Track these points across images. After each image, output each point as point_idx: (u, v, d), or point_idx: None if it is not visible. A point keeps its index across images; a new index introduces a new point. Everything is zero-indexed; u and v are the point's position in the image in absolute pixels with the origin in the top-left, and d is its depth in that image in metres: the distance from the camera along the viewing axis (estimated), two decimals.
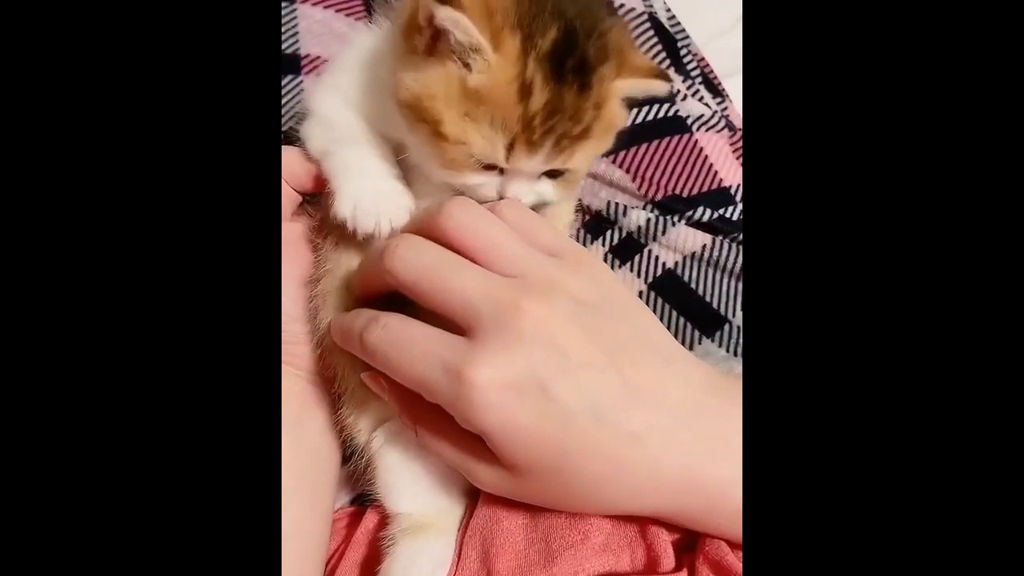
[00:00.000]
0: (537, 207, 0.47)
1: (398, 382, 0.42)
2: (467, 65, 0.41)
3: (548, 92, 0.41)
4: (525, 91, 0.41)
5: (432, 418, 0.42)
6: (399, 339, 0.41)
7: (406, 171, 0.48)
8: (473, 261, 0.41)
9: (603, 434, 0.39)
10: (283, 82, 0.62)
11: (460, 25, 0.40)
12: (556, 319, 0.40)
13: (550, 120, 0.41)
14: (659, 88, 0.46)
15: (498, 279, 0.41)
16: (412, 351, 0.40)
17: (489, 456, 0.41)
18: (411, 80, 0.42)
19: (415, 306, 0.42)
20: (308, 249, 0.50)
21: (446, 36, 0.40)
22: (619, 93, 0.45)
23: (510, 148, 0.42)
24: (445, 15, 0.39)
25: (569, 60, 0.41)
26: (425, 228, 0.43)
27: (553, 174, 0.45)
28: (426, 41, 0.42)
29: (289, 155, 0.49)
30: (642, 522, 0.42)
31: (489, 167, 0.44)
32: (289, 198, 0.49)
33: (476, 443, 0.41)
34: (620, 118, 0.46)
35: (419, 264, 0.41)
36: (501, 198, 0.45)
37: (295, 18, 0.63)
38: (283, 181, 0.48)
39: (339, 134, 0.47)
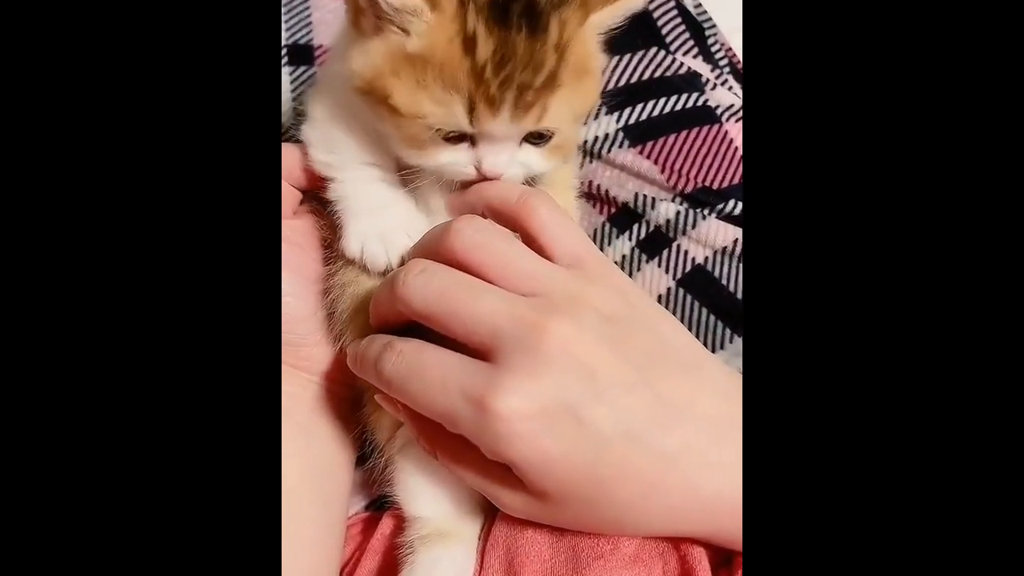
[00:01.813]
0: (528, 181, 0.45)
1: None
2: (407, 31, 0.39)
3: (494, 40, 0.39)
4: (468, 44, 0.39)
5: (453, 444, 0.40)
6: (416, 367, 0.39)
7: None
8: (488, 281, 0.39)
9: (638, 457, 0.37)
10: (296, 73, 0.61)
11: None
12: (582, 338, 0.37)
13: (502, 70, 0.39)
14: (634, 4, 0.43)
15: (518, 299, 0.38)
16: (431, 380, 0.38)
17: (516, 483, 0.38)
18: (359, 64, 0.41)
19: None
20: (317, 247, 0.48)
21: (380, 6, 0.39)
22: (595, 30, 0.42)
23: (471, 110, 0.39)
24: None
25: (514, 5, 0.39)
26: (434, 250, 0.41)
27: (537, 140, 0.43)
28: (372, 21, 0.40)
29: (285, 153, 0.47)
30: None
31: (456, 140, 0.41)
32: (289, 195, 0.48)
33: (502, 470, 0.39)
34: (594, 59, 0.43)
35: (432, 290, 0.39)
36: (480, 174, 0.42)
37: (308, 8, 0.62)
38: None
39: (339, 156, 0.45)
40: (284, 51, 0.61)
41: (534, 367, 0.36)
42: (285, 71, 0.61)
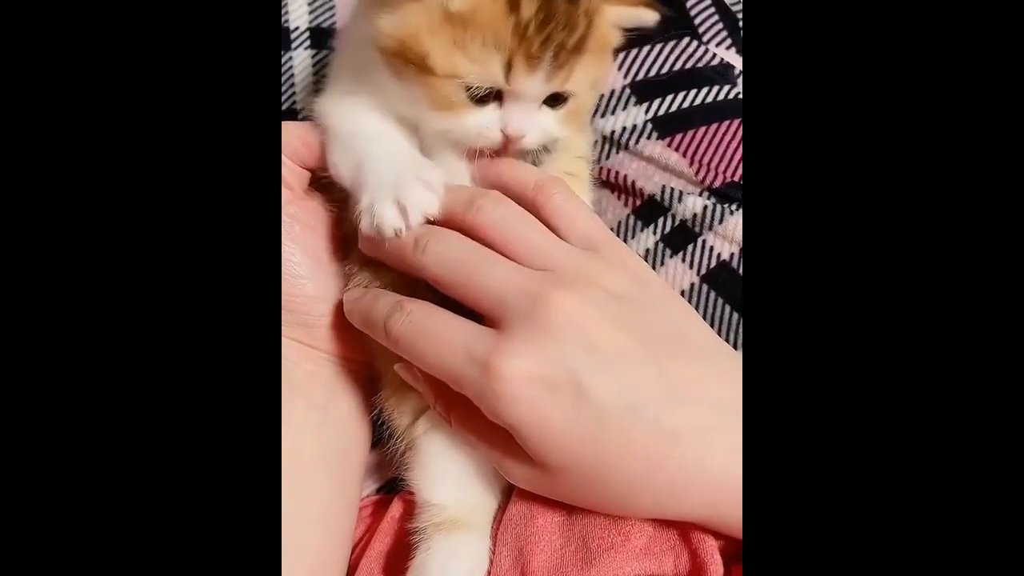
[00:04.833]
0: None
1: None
2: None
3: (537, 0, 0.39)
4: (513, 3, 0.39)
5: (466, 410, 0.41)
6: (425, 329, 0.41)
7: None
8: (504, 255, 0.41)
9: (640, 432, 0.38)
10: (318, 56, 0.60)
11: None
12: (588, 311, 0.39)
13: (545, 28, 0.40)
14: (647, 17, 0.45)
15: (528, 272, 0.40)
16: (438, 341, 0.40)
17: (521, 452, 0.39)
18: (389, 25, 0.41)
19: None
20: (331, 228, 0.48)
21: None
22: (608, 16, 0.43)
23: (508, 67, 0.40)
24: None
25: None
26: (455, 221, 0.42)
27: (554, 102, 0.44)
28: None
29: (287, 130, 0.47)
30: (684, 527, 0.40)
31: (484, 101, 0.42)
32: (296, 173, 0.48)
33: (508, 438, 0.39)
34: (612, 36, 0.45)
35: (448, 258, 0.41)
36: (505, 137, 0.43)
37: None
38: (285, 157, 0.47)
39: (362, 144, 0.44)
40: (307, 34, 0.60)
41: (537, 335, 0.38)
42: (307, 54, 0.61)
